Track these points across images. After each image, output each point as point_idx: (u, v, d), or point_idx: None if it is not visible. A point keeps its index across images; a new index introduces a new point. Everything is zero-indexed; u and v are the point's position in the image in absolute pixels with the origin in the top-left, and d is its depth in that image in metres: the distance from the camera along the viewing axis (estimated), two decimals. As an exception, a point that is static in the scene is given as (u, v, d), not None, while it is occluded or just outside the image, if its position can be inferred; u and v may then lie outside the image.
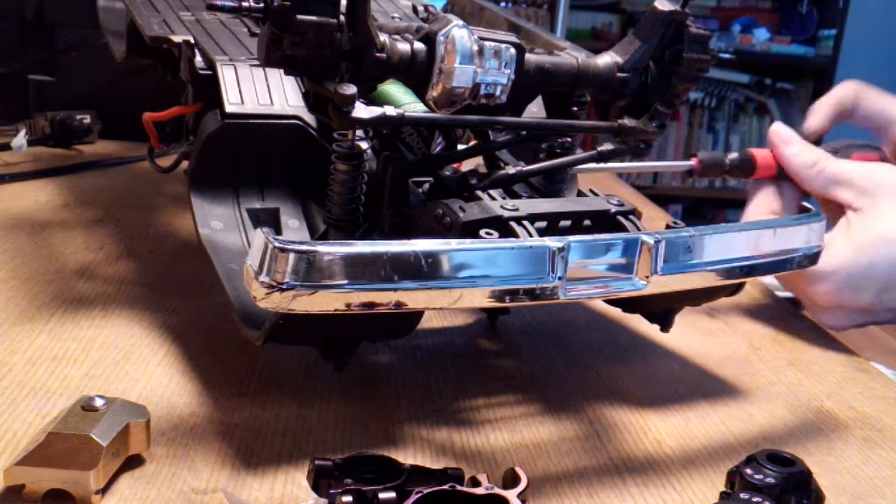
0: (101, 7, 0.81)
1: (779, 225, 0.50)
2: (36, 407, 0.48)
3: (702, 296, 0.55)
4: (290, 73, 0.45)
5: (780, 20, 3.31)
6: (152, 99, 0.67)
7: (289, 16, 0.42)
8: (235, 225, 0.55)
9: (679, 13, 0.52)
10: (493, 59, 0.47)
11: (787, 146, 0.70)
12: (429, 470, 0.42)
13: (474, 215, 0.47)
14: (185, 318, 0.61)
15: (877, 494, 0.48)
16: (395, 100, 0.52)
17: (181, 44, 0.62)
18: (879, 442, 0.54)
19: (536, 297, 0.43)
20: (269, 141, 0.57)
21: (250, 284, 0.39)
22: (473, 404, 0.53)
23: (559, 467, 0.47)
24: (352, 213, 0.50)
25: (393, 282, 0.40)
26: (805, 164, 0.69)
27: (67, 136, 1.03)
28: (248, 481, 0.43)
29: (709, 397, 0.57)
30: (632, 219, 0.51)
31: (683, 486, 0.47)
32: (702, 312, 0.71)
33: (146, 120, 0.64)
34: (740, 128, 3.32)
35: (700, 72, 0.53)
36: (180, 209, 0.84)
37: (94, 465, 0.40)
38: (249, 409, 0.50)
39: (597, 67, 0.52)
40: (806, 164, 0.69)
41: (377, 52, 0.45)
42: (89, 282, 0.66)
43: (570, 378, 0.58)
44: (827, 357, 0.66)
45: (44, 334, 0.57)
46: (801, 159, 0.69)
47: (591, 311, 0.69)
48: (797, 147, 0.70)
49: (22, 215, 0.79)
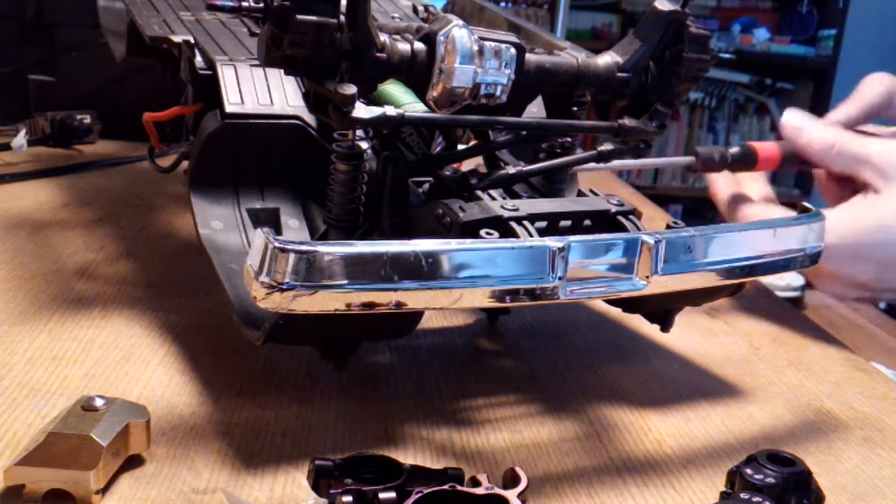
0: (101, 7, 0.81)
1: (779, 225, 0.50)
2: (36, 407, 0.48)
3: (702, 296, 0.55)
4: (290, 73, 0.45)
5: (780, 20, 3.32)
6: (152, 99, 0.67)
7: (289, 16, 0.42)
8: (235, 225, 0.55)
9: (679, 13, 0.52)
10: (494, 59, 0.47)
11: (802, 135, 0.67)
12: (429, 470, 0.42)
13: (474, 215, 0.47)
14: (185, 318, 0.61)
15: (877, 494, 0.48)
16: (395, 100, 0.52)
17: (181, 44, 0.62)
18: (879, 442, 0.54)
19: (536, 297, 0.43)
20: (269, 141, 0.57)
21: (250, 284, 0.39)
22: (473, 404, 0.53)
23: (559, 467, 0.47)
24: (352, 213, 0.50)
25: (393, 282, 0.40)
26: (824, 147, 0.66)
27: (67, 136, 1.03)
28: (248, 481, 0.43)
29: (709, 397, 0.57)
30: (632, 219, 0.51)
31: (683, 486, 0.47)
32: (702, 312, 0.71)
33: (146, 120, 0.64)
34: (740, 128, 3.32)
35: (700, 72, 0.53)
36: (180, 209, 0.84)
37: (94, 465, 0.40)
38: (249, 409, 0.50)
39: (597, 67, 0.52)
40: (824, 147, 0.66)
41: (377, 52, 0.45)
42: (89, 282, 0.66)
43: (570, 378, 0.58)
44: (827, 357, 0.66)
45: (44, 334, 0.57)
46: (818, 144, 0.66)
47: (591, 311, 0.69)
48: (812, 132, 0.67)
49: (22, 215, 0.79)
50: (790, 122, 0.68)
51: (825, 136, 0.67)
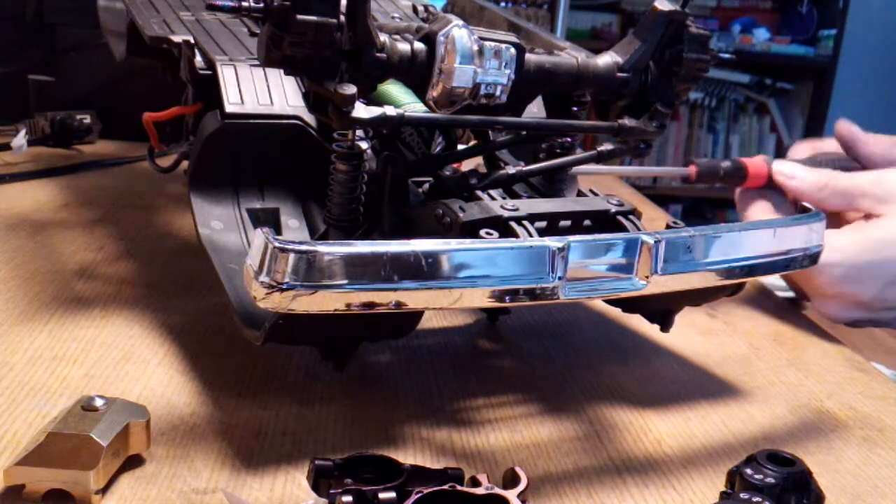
0: (101, 7, 0.81)
1: (779, 225, 0.50)
2: (36, 407, 0.48)
3: (702, 296, 0.55)
4: (290, 73, 0.45)
5: (780, 20, 3.32)
6: (152, 99, 0.67)
7: (289, 16, 0.42)
8: (235, 225, 0.55)
9: (679, 13, 0.52)
10: (493, 59, 0.47)
11: (793, 180, 0.72)
12: (429, 470, 0.42)
13: (474, 215, 0.47)
14: (185, 318, 0.61)
15: (877, 494, 0.48)
16: (395, 100, 0.52)
17: (181, 44, 0.62)
18: (879, 442, 0.54)
19: (536, 297, 0.43)
20: (269, 141, 0.57)
21: (250, 284, 0.39)
22: (473, 404, 0.53)
23: (559, 467, 0.47)
24: (352, 213, 0.50)
25: (393, 282, 0.40)
26: (815, 188, 0.70)
27: (67, 136, 1.03)
28: (248, 481, 0.43)
29: (709, 397, 0.57)
30: (632, 219, 0.51)
31: (683, 486, 0.47)
32: (702, 312, 0.71)
33: (146, 120, 0.64)
34: (740, 128, 3.32)
35: (700, 72, 0.53)
36: (180, 209, 0.84)
37: (94, 465, 0.40)
38: (249, 409, 0.50)
39: (597, 67, 0.52)
40: (816, 188, 0.70)
41: (377, 52, 0.45)
42: (89, 282, 0.66)
43: (570, 378, 0.58)
44: (827, 357, 0.66)
45: (44, 334, 0.57)
46: (809, 187, 0.71)
47: (591, 311, 0.69)
48: (802, 177, 0.71)
49: (22, 215, 0.79)
50: (782, 169, 0.73)
51: (817, 177, 0.71)
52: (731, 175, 0.73)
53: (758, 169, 0.73)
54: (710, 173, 0.73)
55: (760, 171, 0.73)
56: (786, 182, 0.72)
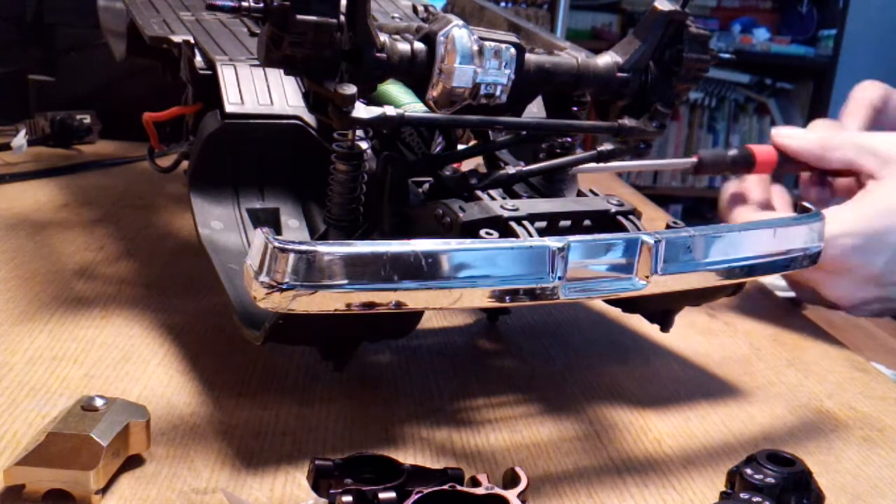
0: (101, 7, 0.81)
1: (779, 225, 0.50)
2: (36, 407, 0.48)
3: (702, 296, 0.55)
4: (290, 73, 0.45)
5: (780, 20, 3.32)
6: (152, 99, 0.67)
7: (289, 16, 0.42)
8: (235, 225, 0.55)
9: (679, 13, 0.52)
10: (493, 59, 0.47)
11: (794, 139, 0.70)
12: (429, 470, 0.42)
13: (474, 215, 0.47)
14: (185, 318, 0.61)
15: (877, 494, 0.48)
16: (395, 100, 0.52)
17: (181, 44, 0.62)
18: (879, 442, 0.54)
19: (536, 297, 0.43)
20: (269, 141, 0.57)
21: (250, 284, 0.39)
22: (473, 404, 0.53)
23: (559, 467, 0.47)
24: (352, 213, 0.50)
25: (393, 282, 0.40)
26: (818, 145, 0.69)
27: (67, 136, 1.03)
28: (248, 481, 0.43)
29: (709, 397, 0.57)
30: (632, 219, 0.51)
31: (683, 486, 0.47)
32: (702, 312, 0.71)
33: (146, 120, 0.64)
34: (740, 128, 3.32)
35: (700, 72, 0.53)
36: (180, 209, 0.84)
37: (94, 465, 0.40)
38: (249, 409, 0.50)
39: (597, 67, 0.52)
40: (819, 144, 0.69)
41: (377, 52, 0.45)
42: (89, 282, 0.66)
43: (570, 378, 0.58)
44: (827, 357, 0.66)
45: (44, 334, 0.57)
46: (812, 143, 0.69)
47: (591, 311, 0.69)
48: (804, 134, 0.70)
49: (22, 215, 0.79)
50: (780, 131, 0.72)
51: (818, 135, 0.70)
52: (738, 163, 0.72)
53: (765, 156, 0.72)
54: (717, 162, 0.73)
55: (768, 158, 0.72)
56: (786, 142, 0.70)
